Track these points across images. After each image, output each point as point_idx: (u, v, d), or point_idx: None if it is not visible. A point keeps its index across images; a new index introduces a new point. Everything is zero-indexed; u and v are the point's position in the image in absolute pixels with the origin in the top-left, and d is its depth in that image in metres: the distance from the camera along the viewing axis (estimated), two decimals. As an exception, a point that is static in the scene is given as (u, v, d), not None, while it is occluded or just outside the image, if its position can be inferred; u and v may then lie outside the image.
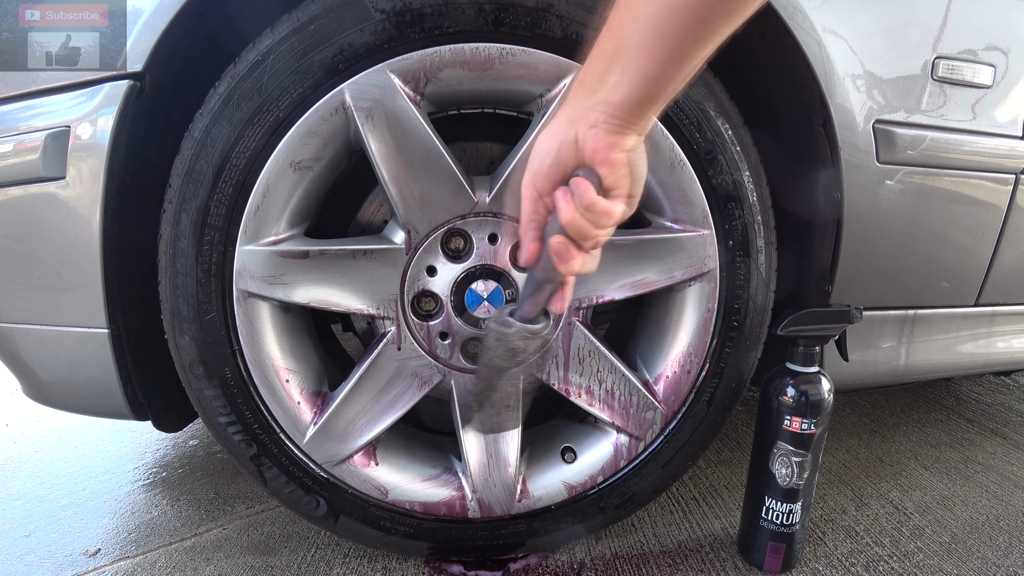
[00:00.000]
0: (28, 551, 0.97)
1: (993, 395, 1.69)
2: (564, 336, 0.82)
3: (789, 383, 0.83)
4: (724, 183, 0.78)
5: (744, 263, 0.82)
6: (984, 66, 0.86)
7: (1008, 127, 0.91)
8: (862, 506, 1.10)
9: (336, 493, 0.84)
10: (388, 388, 0.81)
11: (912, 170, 0.87)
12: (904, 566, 0.93)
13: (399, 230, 0.76)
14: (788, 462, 0.83)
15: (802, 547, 0.91)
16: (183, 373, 0.78)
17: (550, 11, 0.70)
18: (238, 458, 0.81)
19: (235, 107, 0.69)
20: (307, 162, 0.72)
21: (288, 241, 0.75)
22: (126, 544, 0.99)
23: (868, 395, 1.67)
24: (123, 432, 1.40)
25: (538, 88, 0.73)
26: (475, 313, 0.79)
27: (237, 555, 0.95)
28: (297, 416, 0.80)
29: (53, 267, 0.77)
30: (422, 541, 0.88)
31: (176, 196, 0.72)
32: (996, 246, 0.98)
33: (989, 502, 1.13)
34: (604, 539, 0.98)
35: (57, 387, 0.87)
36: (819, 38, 0.77)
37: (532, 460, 0.89)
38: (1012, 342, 1.14)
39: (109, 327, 0.78)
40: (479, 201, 0.75)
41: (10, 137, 0.73)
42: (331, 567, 0.92)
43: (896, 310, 0.99)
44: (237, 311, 0.75)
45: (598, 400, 0.84)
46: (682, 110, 0.75)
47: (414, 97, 0.71)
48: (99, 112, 0.71)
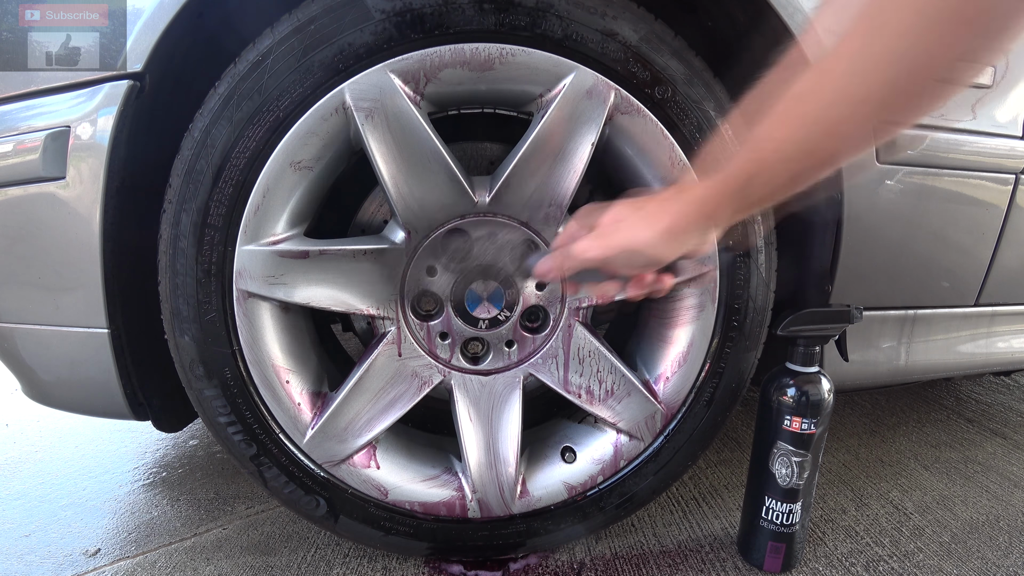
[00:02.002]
0: (28, 551, 0.97)
1: (993, 395, 1.69)
2: (564, 336, 0.82)
3: (789, 383, 0.83)
4: (724, 183, 0.78)
5: (744, 263, 0.82)
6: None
7: (1008, 127, 0.91)
8: (862, 506, 1.10)
9: (336, 493, 0.84)
10: (388, 388, 0.81)
11: (912, 170, 0.87)
12: (904, 566, 0.93)
13: (399, 230, 0.76)
14: (788, 462, 0.83)
15: (802, 547, 0.91)
16: (183, 373, 0.78)
17: (550, 11, 0.70)
18: (238, 458, 0.81)
19: (235, 107, 0.69)
20: (307, 162, 0.72)
21: (288, 241, 0.75)
22: (126, 544, 0.99)
23: (868, 395, 1.67)
24: (123, 432, 1.40)
25: (538, 88, 0.73)
26: (475, 313, 0.79)
27: (237, 555, 0.95)
28: (297, 416, 0.80)
29: (53, 267, 0.77)
30: (422, 541, 0.88)
31: (176, 196, 0.72)
32: (996, 246, 0.98)
33: (989, 502, 1.13)
34: (604, 539, 0.98)
35: (57, 387, 0.87)
36: (819, 38, 0.76)
37: (532, 460, 0.89)
38: (1012, 342, 1.14)
39: (109, 327, 0.78)
40: (479, 201, 0.75)
41: (10, 137, 0.73)
42: (331, 567, 0.92)
43: (896, 310, 0.99)
44: (237, 311, 0.75)
45: (598, 400, 0.84)
46: (682, 110, 0.75)
47: (414, 97, 0.71)
48: (99, 112, 0.71)
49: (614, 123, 0.75)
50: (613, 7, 0.71)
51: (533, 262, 0.72)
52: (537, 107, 0.75)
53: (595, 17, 0.71)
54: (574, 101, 0.72)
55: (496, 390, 0.83)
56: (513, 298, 0.79)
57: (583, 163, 0.74)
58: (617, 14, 0.71)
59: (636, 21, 0.72)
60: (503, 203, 0.76)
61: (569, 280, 0.61)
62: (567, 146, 0.74)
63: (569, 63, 0.71)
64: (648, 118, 0.75)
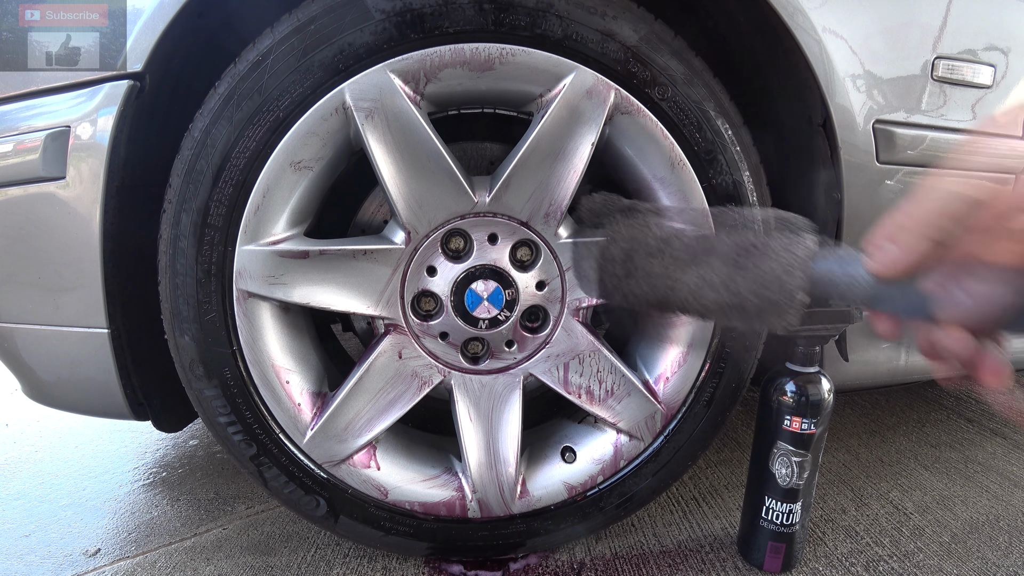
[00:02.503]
0: (28, 551, 0.97)
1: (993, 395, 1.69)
2: (564, 336, 0.82)
3: (789, 383, 0.83)
4: (724, 183, 0.78)
5: (744, 263, 0.82)
6: (984, 66, 0.86)
7: (1008, 127, 0.91)
8: (862, 506, 1.10)
9: (336, 493, 0.84)
10: (388, 388, 0.81)
11: (912, 170, 0.87)
12: (904, 566, 0.93)
13: (399, 230, 0.76)
14: (788, 462, 0.83)
15: (802, 547, 0.91)
16: (183, 373, 0.78)
17: (550, 11, 0.70)
18: (238, 458, 0.81)
19: (235, 107, 0.69)
20: (307, 162, 0.72)
21: (288, 241, 0.75)
22: (126, 544, 0.98)
23: (868, 395, 1.67)
24: (123, 432, 1.40)
25: (538, 88, 0.73)
26: (475, 313, 0.79)
27: (237, 555, 0.95)
28: (297, 416, 0.80)
29: (53, 267, 0.77)
30: (422, 541, 0.88)
31: (176, 196, 0.72)
32: (996, 246, 0.98)
33: (989, 502, 1.13)
34: (604, 539, 0.98)
35: (57, 387, 0.87)
36: (819, 38, 0.76)
37: (532, 460, 0.89)
38: (1012, 342, 1.14)
39: (109, 327, 0.78)
40: (479, 201, 0.75)
41: (10, 137, 0.73)
42: (331, 567, 0.92)
43: (896, 310, 0.99)
44: (237, 311, 0.75)
45: (598, 400, 0.84)
46: (682, 110, 0.75)
47: (414, 97, 0.71)
48: (99, 112, 0.71)
49: (614, 123, 0.75)
50: (613, 7, 0.72)
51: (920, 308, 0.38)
52: (537, 107, 0.75)
53: (595, 17, 0.71)
54: (574, 101, 0.73)
55: (496, 390, 0.83)
56: (513, 298, 0.79)
57: (583, 163, 0.74)
58: (617, 14, 0.72)
59: (636, 21, 0.72)
60: (503, 203, 0.76)
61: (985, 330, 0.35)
62: (567, 146, 0.74)
63: (569, 63, 0.71)
64: (648, 118, 0.75)
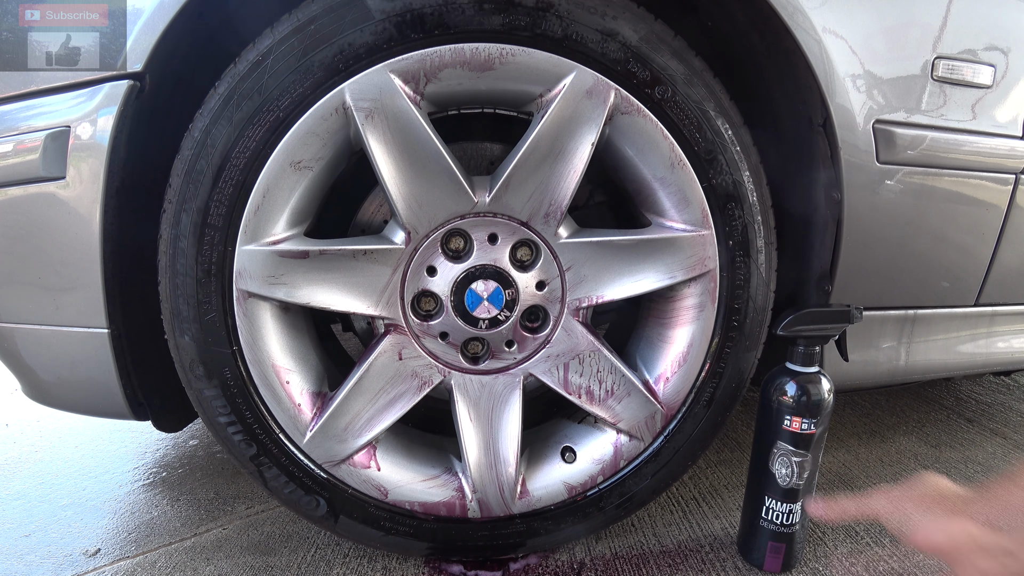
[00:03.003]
0: (28, 551, 0.97)
1: (993, 395, 1.69)
2: (564, 336, 0.82)
3: (789, 383, 0.83)
4: (724, 183, 0.78)
5: (744, 263, 0.82)
6: (984, 66, 0.86)
7: (1008, 127, 0.91)
8: (862, 506, 1.10)
9: (336, 493, 0.84)
10: (388, 388, 0.81)
11: (912, 170, 0.87)
12: (904, 566, 0.93)
13: (399, 230, 0.76)
14: (788, 462, 0.83)
15: (802, 547, 0.91)
16: (183, 373, 0.78)
17: (550, 11, 0.70)
18: (238, 458, 0.81)
19: (235, 107, 0.69)
20: (307, 162, 0.72)
21: (288, 241, 0.75)
22: (126, 544, 0.99)
23: (868, 395, 1.67)
24: (123, 432, 1.40)
25: (538, 88, 0.73)
26: (475, 313, 0.79)
27: (237, 555, 0.95)
28: (297, 416, 0.80)
29: (53, 267, 0.77)
30: (422, 541, 0.88)
31: (176, 196, 0.72)
32: (996, 246, 0.98)
33: (989, 502, 1.12)
34: (604, 539, 0.98)
35: (57, 387, 0.87)
36: (819, 38, 0.77)
37: (532, 460, 0.89)
38: (1012, 342, 1.14)
39: (109, 327, 0.78)
40: (479, 201, 0.75)
41: (10, 137, 0.73)
42: (331, 567, 0.92)
43: (896, 310, 0.99)
44: (237, 311, 0.75)
45: (598, 400, 0.84)
46: (682, 110, 0.75)
47: (414, 97, 0.71)
48: (99, 112, 0.71)
49: (614, 123, 0.75)
50: (613, 7, 0.72)
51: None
52: (537, 107, 0.75)
53: (595, 17, 0.71)
54: (574, 101, 0.73)
55: (496, 390, 0.83)
56: (513, 298, 0.79)
57: (583, 163, 0.74)
58: (617, 14, 0.72)
59: (636, 21, 0.72)
60: (503, 203, 0.76)
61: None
62: (567, 146, 0.74)
63: (569, 63, 0.71)
64: (648, 118, 0.75)
